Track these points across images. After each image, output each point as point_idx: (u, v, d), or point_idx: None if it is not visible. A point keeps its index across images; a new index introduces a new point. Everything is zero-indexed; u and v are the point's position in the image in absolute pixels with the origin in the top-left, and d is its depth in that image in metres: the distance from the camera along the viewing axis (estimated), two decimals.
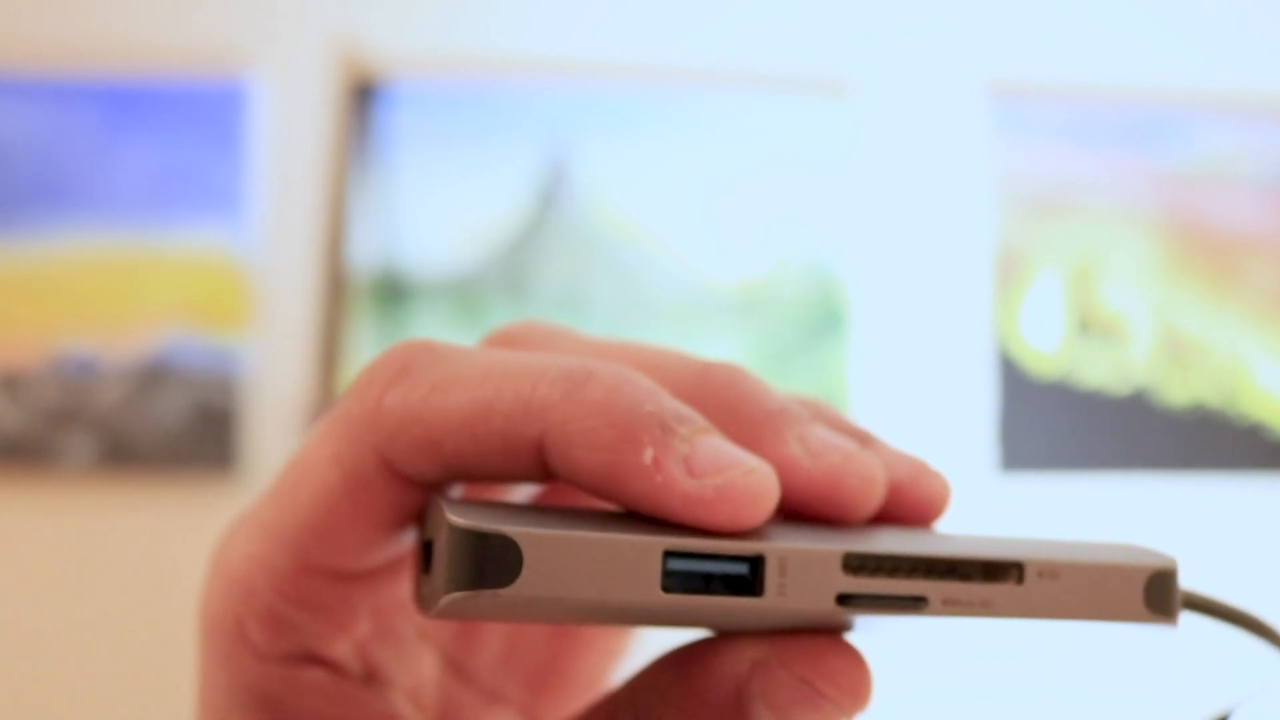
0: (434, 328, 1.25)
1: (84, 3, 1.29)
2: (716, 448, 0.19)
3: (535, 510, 0.20)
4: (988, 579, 0.20)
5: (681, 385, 0.20)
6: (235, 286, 1.26)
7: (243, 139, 1.26)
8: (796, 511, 0.20)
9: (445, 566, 0.18)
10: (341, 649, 0.22)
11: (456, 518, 0.18)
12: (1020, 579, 0.20)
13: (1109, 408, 1.28)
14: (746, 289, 1.27)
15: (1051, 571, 0.20)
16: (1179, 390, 1.29)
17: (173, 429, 1.24)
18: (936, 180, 1.29)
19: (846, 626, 0.20)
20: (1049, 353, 1.28)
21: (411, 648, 0.24)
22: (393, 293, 1.26)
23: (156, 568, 1.20)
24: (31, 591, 1.24)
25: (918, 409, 1.26)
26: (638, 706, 0.20)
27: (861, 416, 1.24)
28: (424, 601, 0.19)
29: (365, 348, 1.25)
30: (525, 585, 0.18)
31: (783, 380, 1.26)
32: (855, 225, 1.28)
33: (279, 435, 1.22)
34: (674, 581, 0.19)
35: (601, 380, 0.19)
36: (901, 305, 1.28)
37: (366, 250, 1.26)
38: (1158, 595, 0.21)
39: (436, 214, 1.27)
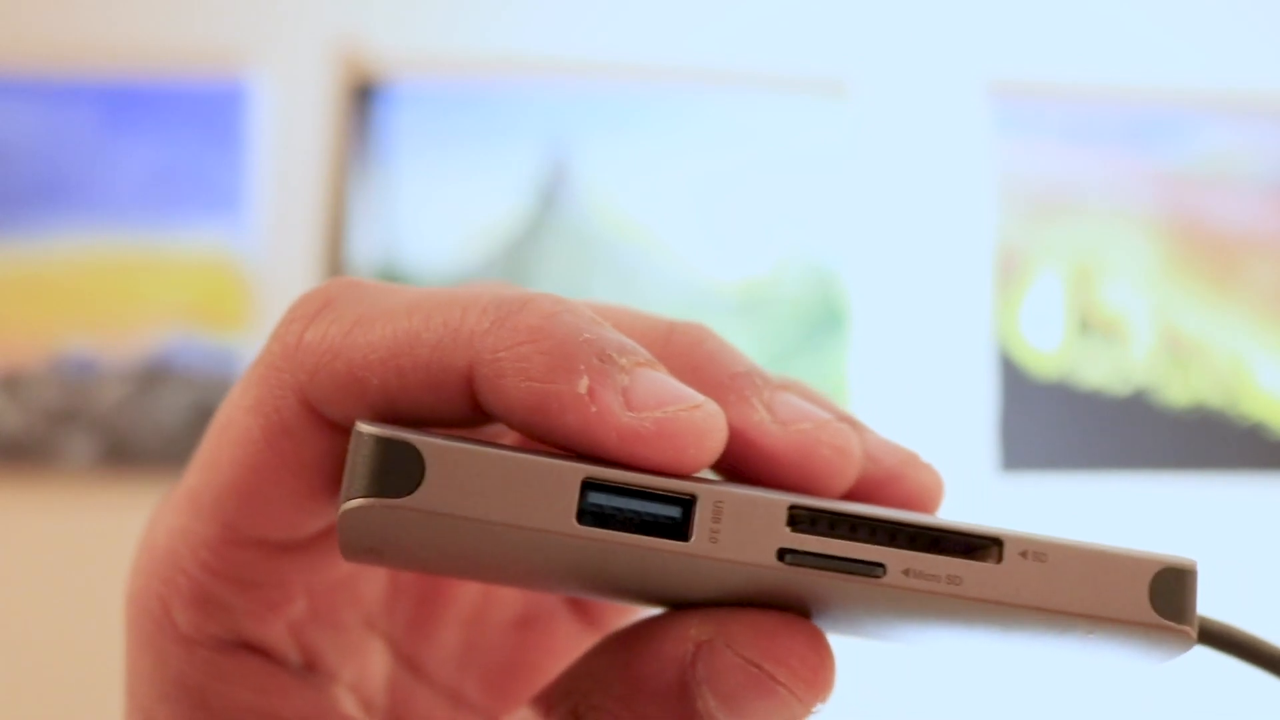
0: None
1: (84, 3, 1.28)
2: (659, 381, 0.17)
3: (462, 435, 0.17)
4: (959, 552, 0.17)
5: (649, 344, 0.18)
6: (235, 286, 1.25)
7: (243, 139, 1.26)
8: (760, 482, 0.18)
9: (346, 474, 0.17)
10: (275, 633, 0.20)
11: (364, 426, 0.17)
12: (999, 557, 0.17)
13: (1109, 408, 1.28)
14: (747, 289, 1.27)
15: (1038, 552, 0.17)
16: (1179, 390, 1.29)
17: (173, 429, 1.24)
18: (936, 180, 1.29)
19: (806, 603, 0.18)
20: (1049, 353, 1.28)
21: (355, 637, 0.22)
22: None
23: None
24: (31, 592, 1.24)
25: (918, 409, 1.26)
26: (577, 695, 0.18)
27: (861, 416, 1.24)
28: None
29: None
30: (425, 497, 0.16)
31: None
32: (856, 225, 1.28)
33: None
34: (592, 516, 0.17)
35: (537, 307, 0.17)
36: (902, 305, 1.28)
37: (366, 250, 1.26)
38: (1168, 596, 0.17)
39: (437, 214, 1.27)
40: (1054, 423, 1.28)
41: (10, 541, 1.25)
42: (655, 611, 0.19)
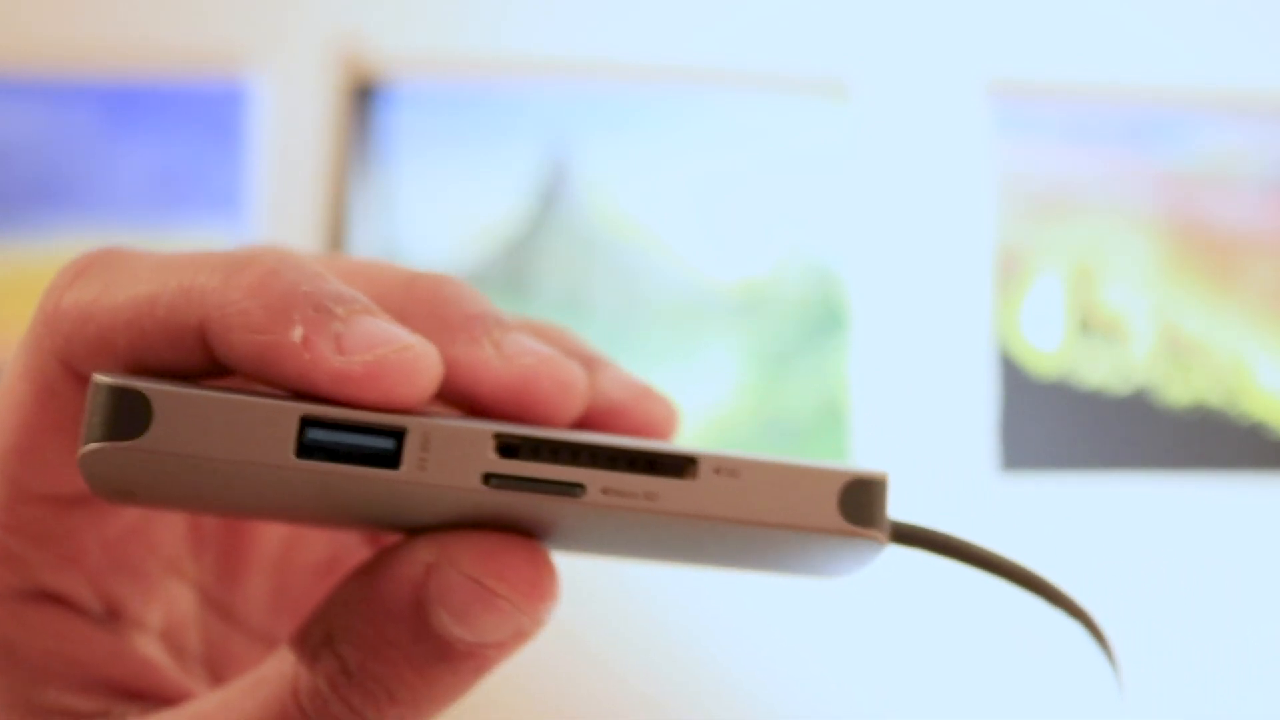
0: None
1: (84, 3, 1.28)
2: (372, 326, 0.18)
3: (204, 384, 0.19)
4: (655, 471, 0.19)
5: (388, 292, 0.20)
6: None
7: (243, 139, 1.26)
8: (490, 416, 0.20)
9: (85, 422, 0.18)
10: (74, 583, 0.21)
11: (100, 376, 0.18)
12: (694, 474, 0.19)
13: (1110, 407, 1.28)
14: (747, 289, 1.27)
15: (731, 469, 0.19)
16: (1180, 390, 1.28)
17: None
18: (937, 180, 1.29)
19: (525, 524, 0.19)
20: (1049, 352, 1.28)
21: (158, 584, 0.23)
22: None
23: None
24: None
25: (918, 409, 1.26)
26: (328, 621, 0.20)
27: (862, 416, 1.24)
28: None
29: None
30: (154, 439, 0.18)
31: (784, 380, 1.26)
32: (856, 225, 1.28)
33: None
34: (313, 450, 0.18)
35: (261, 263, 0.19)
36: (902, 305, 1.28)
37: (367, 250, 1.26)
38: (857, 505, 0.19)
39: (437, 214, 1.27)
40: (1054, 423, 1.28)
41: None
42: None
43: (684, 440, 0.20)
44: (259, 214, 1.26)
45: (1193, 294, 1.30)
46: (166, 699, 0.22)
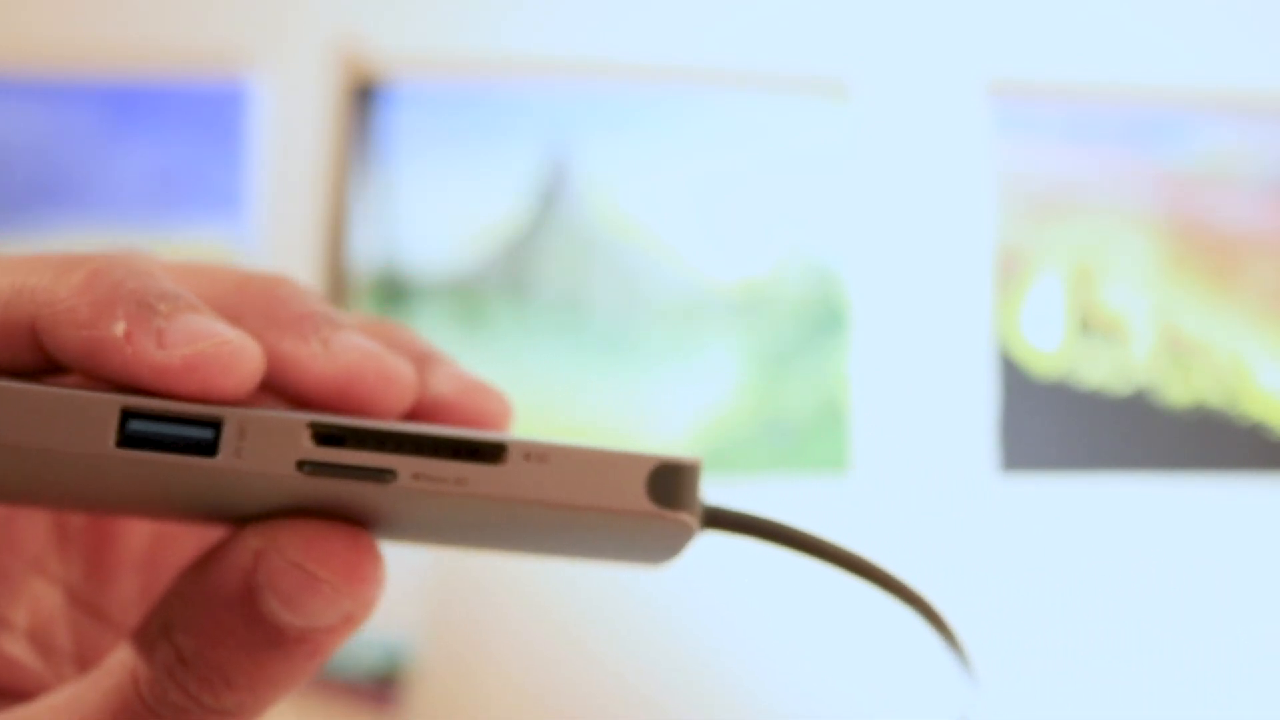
0: (435, 328, 1.25)
1: (84, 3, 1.28)
2: (194, 321, 0.19)
3: (39, 379, 0.20)
4: (466, 457, 0.19)
5: (224, 293, 0.21)
6: None
7: (243, 139, 1.26)
8: (322, 408, 0.21)
9: None
10: None
11: None
12: (504, 459, 0.19)
13: (1110, 408, 1.28)
14: (747, 289, 1.27)
15: (540, 454, 0.19)
16: (1180, 390, 1.28)
17: None
18: (937, 180, 1.29)
19: (349, 511, 0.20)
20: (1050, 353, 1.28)
21: (22, 584, 0.23)
22: (393, 293, 1.26)
23: None
24: None
25: (918, 409, 1.26)
26: (165, 612, 0.20)
27: (862, 416, 1.24)
28: None
29: None
30: None
31: (784, 380, 1.26)
32: (856, 225, 1.28)
33: None
34: (136, 441, 0.19)
35: (90, 263, 0.20)
36: (902, 305, 1.28)
37: (367, 251, 1.26)
38: (666, 488, 0.19)
39: (437, 214, 1.27)
40: (1054, 423, 1.28)
41: None
42: None
43: (537, 433, 0.21)
44: (259, 214, 1.26)
45: (1193, 294, 1.30)
46: (31, 696, 0.22)
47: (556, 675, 1.18)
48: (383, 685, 1.14)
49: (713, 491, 0.20)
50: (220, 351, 0.19)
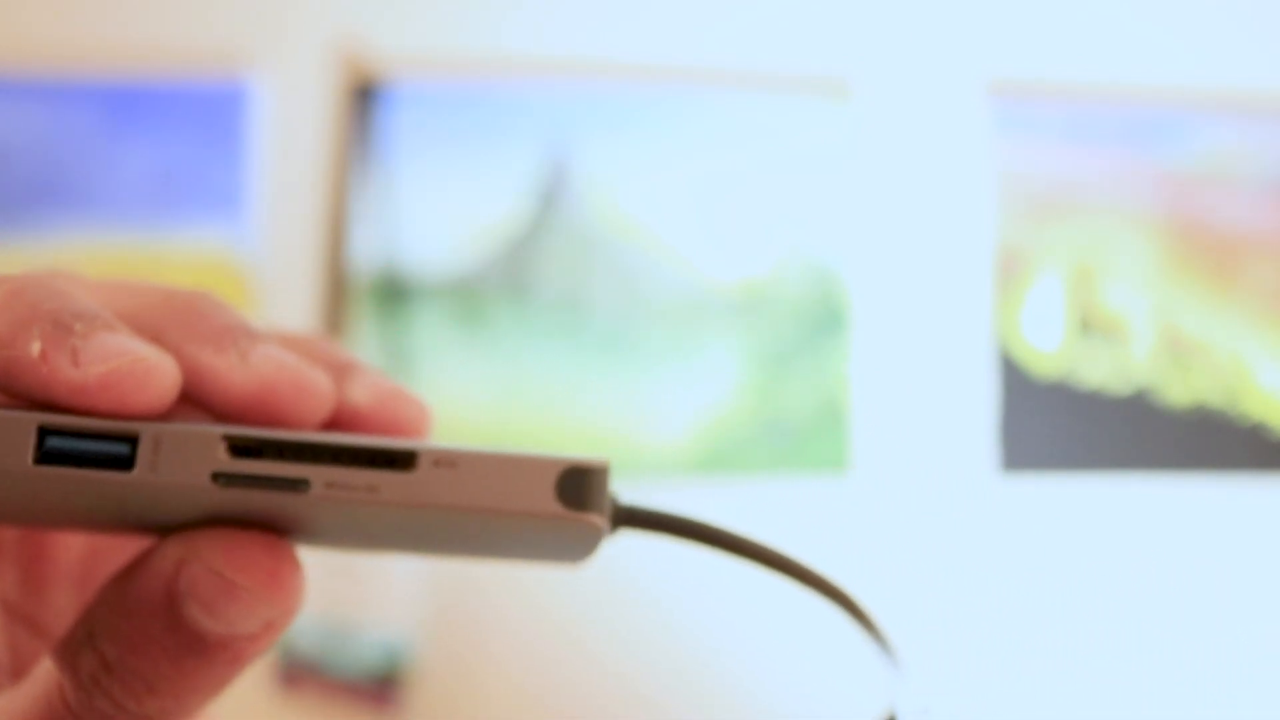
0: (435, 328, 1.25)
1: (84, 3, 1.28)
2: (109, 340, 0.20)
3: None
4: (377, 465, 0.20)
5: (145, 309, 0.21)
6: (236, 287, 1.25)
7: (243, 139, 1.26)
8: (241, 420, 0.21)
9: None
10: None
11: None
12: (413, 466, 0.20)
13: (1110, 408, 1.28)
14: (747, 289, 1.27)
15: (449, 460, 0.20)
16: (1180, 390, 1.28)
17: None
18: (937, 180, 1.29)
19: (268, 520, 0.20)
20: (1050, 353, 1.28)
21: None
22: (393, 293, 1.26)
23: None
24: None
25: (918, 409, 1.26)
26: (91, 621, 0.21)
27: (862, 416, 1.24)
28: None
29: (366, 348, 1.25)
30: None
31: (784, 380, 1.26)
32: (856, 225, 1.28)
33: None
34: (55, 457, 0.19)
35: (8, 284, 0.20)
36: (902, 305, 1.28)
37: (367, 251, 1.26)
38: (575, 490, 0.20)
39: (437, 214, 1.27)
40: (1054, 423, 1.28)
41: None
42: None
43: (453, 439, 0.21)
44: (259, 214, 1.26)
45: (1193, 294, 1.30)
46: None
47: (556, 675, 1.18)
48: (383, 685, 1.14)
49: (712, 492, 0.20)
50: (135, 368, 0.19)
